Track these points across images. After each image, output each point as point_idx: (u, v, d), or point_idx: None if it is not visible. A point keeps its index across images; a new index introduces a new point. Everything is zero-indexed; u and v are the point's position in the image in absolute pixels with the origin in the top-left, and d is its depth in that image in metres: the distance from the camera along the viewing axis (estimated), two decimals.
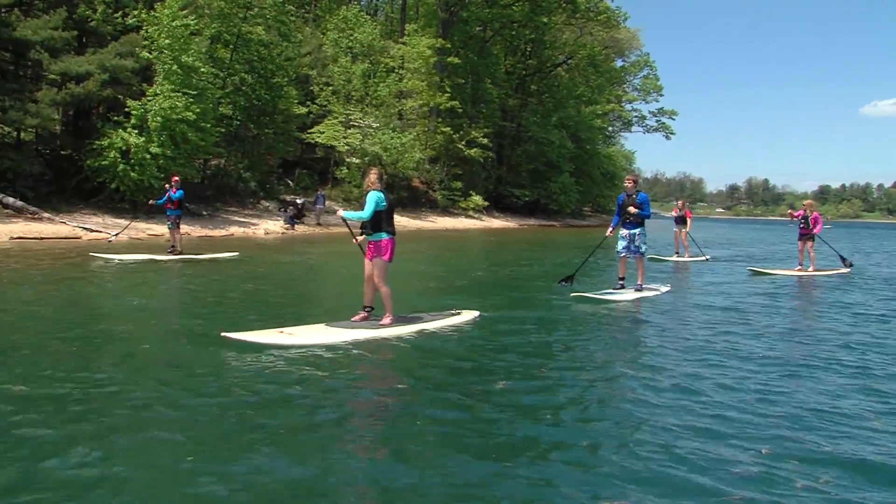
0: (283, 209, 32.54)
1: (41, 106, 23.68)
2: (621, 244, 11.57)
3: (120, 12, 26.34)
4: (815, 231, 16.80)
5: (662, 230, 34.77)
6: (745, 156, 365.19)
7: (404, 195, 43.79)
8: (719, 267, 19.11)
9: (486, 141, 47.91)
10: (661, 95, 78.53)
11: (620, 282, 11.76)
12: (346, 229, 9.73)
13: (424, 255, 21.85)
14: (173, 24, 25.12)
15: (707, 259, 21.07)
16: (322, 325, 7.81)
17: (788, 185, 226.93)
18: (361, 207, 8.15)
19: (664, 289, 12.53)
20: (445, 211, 46.41)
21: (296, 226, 30.44)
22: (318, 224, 32.56)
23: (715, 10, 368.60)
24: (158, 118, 24.53)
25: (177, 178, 17.49)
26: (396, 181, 42.87)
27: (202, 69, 27.09)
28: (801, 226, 16.87)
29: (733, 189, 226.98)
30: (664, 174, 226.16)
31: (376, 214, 8.05)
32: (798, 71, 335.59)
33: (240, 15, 30.87)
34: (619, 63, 74.61)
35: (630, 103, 78.95)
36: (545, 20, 53.52)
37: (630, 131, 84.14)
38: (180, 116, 24.74)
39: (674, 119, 78.53)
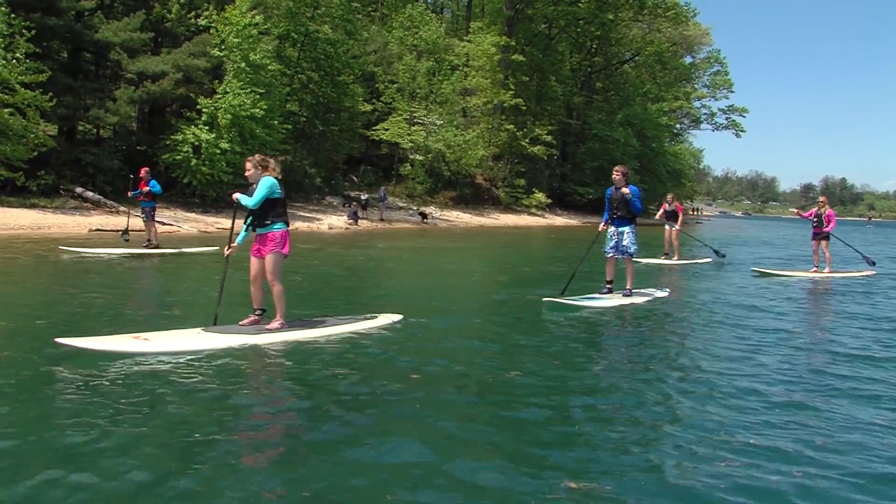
0: (346, 204, 33.12)
1: (119, 104, 24.81)
2: (608, 243, 10.58)
3: (192, 13, 27.31)
4: (827, 229, 16.00)
5: (730, 229, 32.05)
6: (822, 153, 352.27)
7: (467, 192, 44.02)
8: (725, 269, 17.10)
9: (549, 138, 47.69)
10: (732, 92, 76.28)
11: (608, 286, 10.61)
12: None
13: (478, 251, 21.84)
14: (242, 23, 25.90)
15: (710, 260, 18.77)
16: (197, 330, 6.76)
17: (868, 185, 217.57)
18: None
19: (659, 294, 11.11)
20: (508, 208, 46.37)
21: (358, 221, 30.93)
22: (381, 220, 32.99)
23: (790, 5, 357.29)
24: (228, 115, 25.34)
25: (147, 169, 15.79)
26: (460, 178, 43.14)
27: (270, 67, 27.81)
28: (815, 224, 16.18)
29: (808, 188, 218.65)
30: (735, 172, 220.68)
31: (272, 202, 7.12)
32: (875, 65, 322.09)
33: (307, 14, 31.54)
34: (688, 60, 73.04)
35: (699, 100, 77.10)
36: (611, 17, 52.93)
37: (699, 128, 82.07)
38: (248, 113, 25.50)
39: (744, 116, 76.34)
